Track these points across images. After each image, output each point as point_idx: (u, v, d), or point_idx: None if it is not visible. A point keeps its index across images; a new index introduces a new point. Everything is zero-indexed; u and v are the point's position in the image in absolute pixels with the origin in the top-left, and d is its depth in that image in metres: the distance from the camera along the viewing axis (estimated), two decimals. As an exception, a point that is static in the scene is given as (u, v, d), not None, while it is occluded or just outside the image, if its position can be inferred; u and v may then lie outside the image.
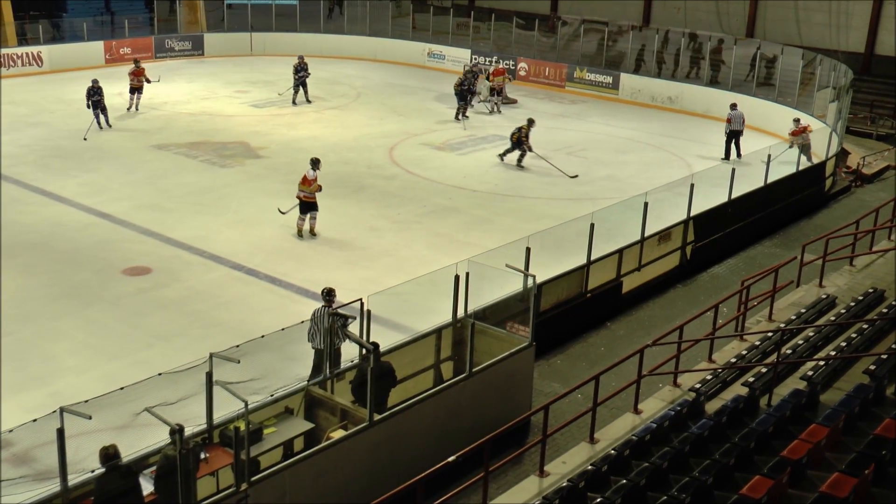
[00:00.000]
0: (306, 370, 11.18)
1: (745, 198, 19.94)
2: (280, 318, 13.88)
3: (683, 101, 32.13)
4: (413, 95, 33.30)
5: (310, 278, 16.76)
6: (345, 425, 10.68)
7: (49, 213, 19.89)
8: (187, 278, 16.87)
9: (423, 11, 42.58)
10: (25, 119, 27.41)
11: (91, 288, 16.34)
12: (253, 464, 9.63)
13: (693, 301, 16.78)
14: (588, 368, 13.89)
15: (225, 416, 9.79)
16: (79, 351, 14.13)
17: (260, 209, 20.56)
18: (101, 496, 8.61)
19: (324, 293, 12.41)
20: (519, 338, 12.65)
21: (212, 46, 39.56)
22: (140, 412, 8.84)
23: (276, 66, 37.58)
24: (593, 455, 10.34)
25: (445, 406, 11.52)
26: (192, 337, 14.46)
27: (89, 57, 36.24)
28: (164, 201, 20.80)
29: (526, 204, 21.57)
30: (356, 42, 40.29)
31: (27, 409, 10.95)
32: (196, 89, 32.93)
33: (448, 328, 12.74)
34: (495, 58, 34.62)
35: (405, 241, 18.89)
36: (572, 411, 11.77)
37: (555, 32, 38.73)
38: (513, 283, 13.08)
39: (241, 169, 23.53)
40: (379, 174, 23.35)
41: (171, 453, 8.78)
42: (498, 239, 18.08)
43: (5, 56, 34.44)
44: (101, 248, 18.05)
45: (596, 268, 16.05)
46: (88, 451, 8.64)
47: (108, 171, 22.95)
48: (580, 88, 34.89)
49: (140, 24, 39.74)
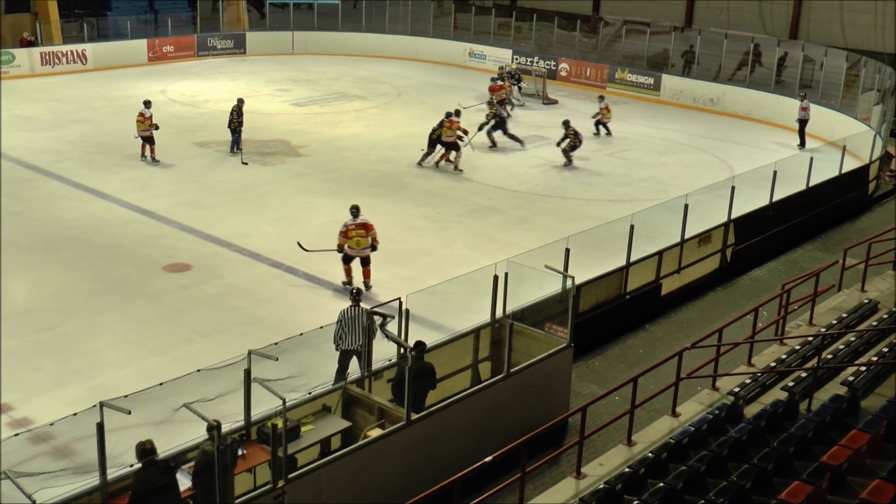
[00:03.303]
0: (344, 368, 11.23)
1: (786, 200, 19.70)
2: (318, 315, 13.94)
3: (725, 103, 31.83)
4: (454, 95, 33.21)
5: (348, 276, 16.82)
6: (382, 424, 10.68)
7: (92, 208, 20.14)
8: (227, 275, 17.00)
9: (465, 11, 42.58)
10: (70, 116, 27.78)
11: (132, 283, 16.52)
12: (290, 461, 9.66)
13: (733, 304, 16.60)
14: (626, 370, 13.79)
15: (263, 412, 9.82)
16: (120, 346, 14.29)
17: (300, 207, 20.67)
18: (139, 490, 8.68)
19: (352, 293, 12.48)
20: (557, 339, 12.58)
21: (254, 45, 39.86)
22: (179, 408, 8.91)
23: (317, 64, 37.82)
24: (630, 457, 10.27)
25: (483, 406, 11.49)
26: (231, 333, 14.57)
27: (133, 55, 36.69)
28: (206, 198, 20.98)
29: (566, 204, 21.49)
30: (397, 41, 40.37)
31: (68, 403, 11.11)
32: (238, 87, 33.14)
33: (486, 328, 12.72)
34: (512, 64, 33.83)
35: (445, 240, 18.90)
36: (610, 413, 11.71)
37: (596, 33, 38.56)
38: (552, 283, 13.02)
39: (282, 167, 23.67)
40: (419, 173, 23.37)
41: (209, 449, 8.84)
42: (537, 239, 18.03)
43: (51, 54, 34.96)
44: (142, 244, 18.24)
45: (635, 269, 15.94)
46: (127, 445, 8.72)
47: (150, 168, 23.19)
48: (621, 89, 34.68)
49: (183, 23, 40.14)
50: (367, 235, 16.18)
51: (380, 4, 41.79)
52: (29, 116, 27.28)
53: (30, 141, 24.97)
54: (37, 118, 26.33)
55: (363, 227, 16.19)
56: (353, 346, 11.97)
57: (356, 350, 11.91)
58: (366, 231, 16.18)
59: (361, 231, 16.19)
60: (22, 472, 7.99)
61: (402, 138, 26.75)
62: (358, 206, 16.65)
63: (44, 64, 34.67)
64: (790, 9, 37.49)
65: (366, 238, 16.17)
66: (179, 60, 37.72)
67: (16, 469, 7.98)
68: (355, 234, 16.16)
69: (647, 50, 35.60)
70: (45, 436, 10.75)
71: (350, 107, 30.58)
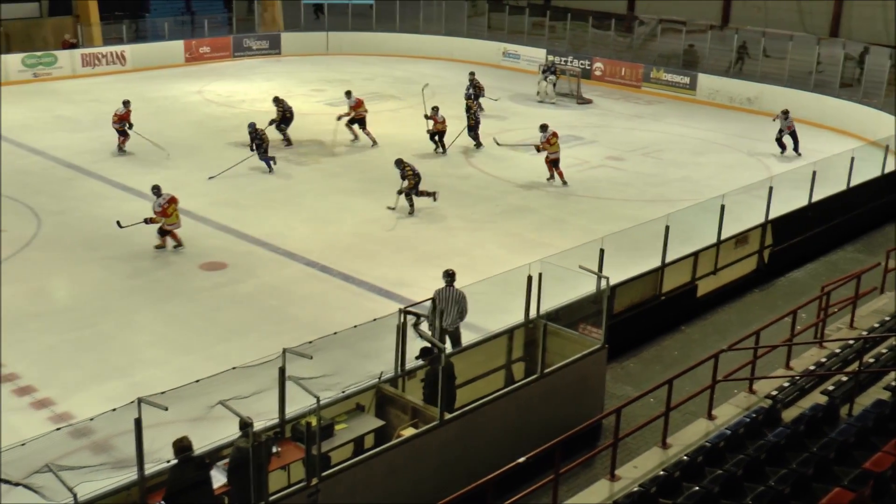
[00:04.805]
0: (378, 367, 11.19)
1: (826, 201, 19.45)
2: (353, 315, 13.97)
3: (763, 102, 31.52)
4: (488, 94, 33.21)
5: (382, 276, 16.87)
6: (415, 423, 10.68)
7: (129, 207, 20.31)
8: (262, 274, 17.10)
9: (499, 11, 42.53)
10: (109, 116, 27.99)
11: (169, 282, 16.67)
12: (324, 459, 9.69)
13: (770, 306, 16.43)
14: (661, 372, 13.69)
15: (297, 410, 9.86)
16: (157, 343, 14.42)
17: (334, 206, 20.75)
18: (175, 486, 8.74)
19: (445, 274, 13.13)
20: (591, 340, 12.51)
21: (289, 45, 40.08)
22: (214, 405, 8.97)
23: (351, 65, 37.93)
24: (665, 460, 10.18)
25: (516, 407, 11.46)
26: (265, 332, 14.64)
27: (170, 56, 37.05)
28: (241, 198, 21.11)
29: (600, 205, 21.39)
30: (431, 41, 40.40)
31: (107, 399, 11.22)
32: (273, 88, 33.28)
33: (520, 328, 12.67)
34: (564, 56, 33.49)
35: (478, 240, 18.87)
36: (644, 415, 11.61)
37: (631, 32, 38.36)
38: (586, 284, 12.96)
39: (317, 167, 23.76)
40: (453, 173, 23.36)
41: (243, 446, 8.89)
42: (571, 239, 17.96)
43: (91, 55, 35.38)
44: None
45: (671, 270, 15.81)
46: (164, 441, 8.79)
47: (186, 167, 23.38)
48: (656, 89, 34.49)
49: (219, 24, 40.45)
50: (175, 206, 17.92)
51: (414, 5, 41.84)
52: (69, 117, 27.61)
53: (70, 141, 25.26)
54: (77, 119, 26.65)
55: (173, 201, 17.84)
56: (445, 325, 12.69)
57: (449, 329, 12.78)
58: (174, 203, 17.87)
59: (174, 205, 17.82)
60: (63, 465, 8.08)
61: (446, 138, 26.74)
62: (158, 185, 18.28)
63: (84, 65, 35.10)
64: (831, 7, 37.07)
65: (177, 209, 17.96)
66: (215, 61, 38.02)
67: (58, 462, 8.06)
68: (172, 210, 17.78)
69: (683, 47, 35.36)
70: (85, 430, 10.92)
71: (384, 107, 30.63)
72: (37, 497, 7.89)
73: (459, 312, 13.01)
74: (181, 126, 27.40)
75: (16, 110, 28.82)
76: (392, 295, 15.99)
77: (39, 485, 7.87)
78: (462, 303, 13.03)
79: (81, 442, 11.03)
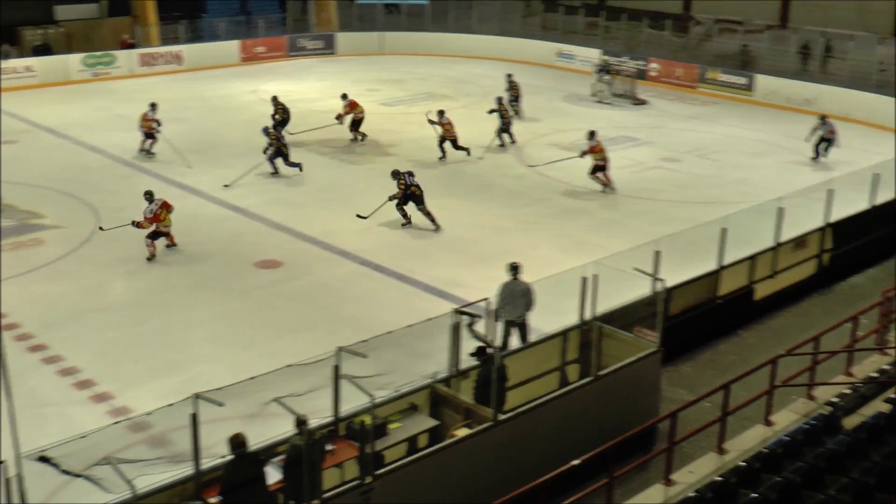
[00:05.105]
0: (432, 367, 11.20)
1: (888, 205, 19.05)
2: (406, 314, 14.01)
3: (821, 103, 30.95)
4: (541, 95, 33.13)
5: (436, 276, 16.87)
6: (469, 424, 10.66)
7: (186, 205, 20.55)
8: (316, 272, 17.20)
9: (553, 11, 42.38)
10: (165, 115, 28.22)
11: (224, 279, 16.83)
12: (377, 458, 9.71)
13: (830, 311, 16.12)
14: (717, 376, 13.51)
15: (351, 409, 9.90)
16: (212, 340, 14.57)
17: (388, 206, 20.75)
18: (229, 481, 8.81)
19: (511, 267, 13.40)
20: (646, 342, 12.38)
21: (343, 45, 40.32)
22: (269, 402, 9.04)
23: (405, 65, 38.04)
24: (722, 466, 10.05)
25: (570, 409, 11.38)
26: (320, 330, 14.72)
27: (225, 56, 37.48)
28: (296, 197, 21.25)
29: (655, 206, 21.19)
30: (485, 41, 40.34)
31: (163, 394, 11.39)
32: (327, 87, 33.55)
33: (574, 330, 12.59)
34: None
35: (532, 241, 18.80)
36: (700, 420, 11.45)
37: (687, 32, 37.98)
38: (641, 286, 12.84)
39: (371, 166, 23.84)
40: (507, 174, 23.30)
41: (298, 443, 8.94)
42: (626, 241, 17.82)
43: (148, 55, 35.92)
44: (234, 240, 18.58)
45: (727, 273, 15.60)
46: (220, 437, 8.88)
47: (242, 166, 23.56)
48: (712, 89, 34.09)
49: (274, 24, 40.81)
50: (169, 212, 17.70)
51: (468, 4, 41.87)
52: (126, 116, 27.92)
53: (128, 139, 25.59)
54: (134, 117, 26.89)
55: (166, 206, 17.62)
56: (513, 317, 13.16)
57: (516, 321, 13.22)
58: (167, 211, 17.64)
59: (167, 211, 17.59)
60: (122, 458, 8.19)
61: (488, 138, 26.69)
62: (151, 191, 17.99)
63: (142, 65, 35.63)
64: (892, 6, 36.30)
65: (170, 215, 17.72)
66: (270, 61, 38.36)
67: (116, 455, 8.17)
68: (164, 215, 17.57)
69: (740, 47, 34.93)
70: (142, 425, 11.08)
71: (438, 107, 30.56)
72: (97, 489, 8.02)
73: (526, 304, 13.31)
74: (236, 125, 27.69)
75: (75, 109, 29.36)
76: (445, 295, 15.99)
77: (99, 477, 7.99)
78: (528, 295, 13.32)
79: (139, 436, 11.19)
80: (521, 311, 13.35)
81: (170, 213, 17.69)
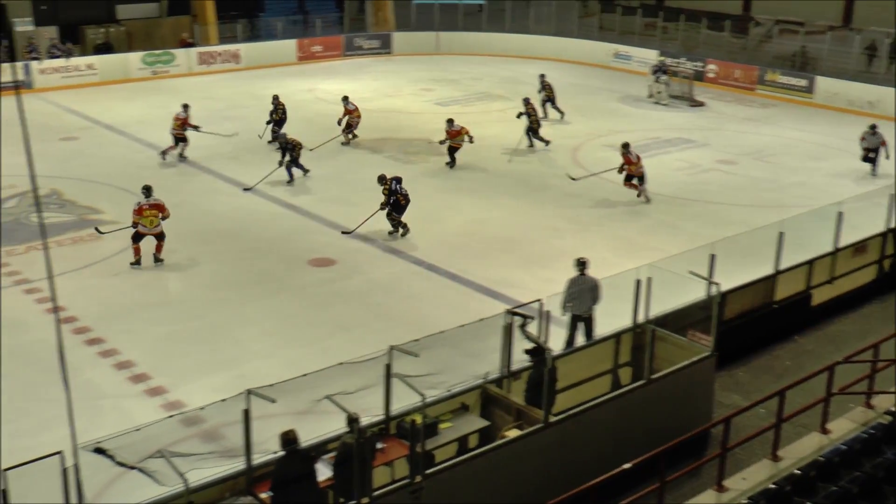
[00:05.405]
0: (484, 367, 11.17)
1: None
2: (459, 314, 14.01)
3: (884, 106, 30.33)
4: (597, 96, 32.95)
5: (489, 276, 16.85)
6: (520, 425, 10.63)
7: (241, 202, 20.81)
8: (369, 271, 17.27)
9: (611, 11, 42.07)
10: (222, 113, 28.74)
11: (278, 276, 16.97)
12: (427, 457, 9.72)
13: (890, 318, 15.77)
14: (772, 382, 13.32)
15: (402, 408, 9.92)
16: (265, 336, 14.69)
17: (441, 205, 20.82)
18: (280, 478, 8.87)
19: (578, 262, 13.63)
20: (700, 347, 12.24)
21: (399, 45, 40.44)
22: (320, 399, 9.09)
23: (460, 64, 38.04)
24: (776, 473, 9.88)
25: (622, 412, 11.29)
26: (372, 328, 14.77)
27: (282, 55, 37.79)
28: (350, 195, 21.34)
29: (711, 209, 20.95)
30: (541, 42, 40.18)
31: (216, 390, 11.49)
32: (382, 87, 33.70)
33: (627, 333, 12.50)
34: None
35: (586, 242, 18.66)
36: (754, 426, 11.28)
37: (746, 33, 37.46)
38: (695, 290, 12.70)
39: (425, 166, 23.88)
40: (561, 174, 23.19)
41: (349, 441, 8.98)
42: (681, 244, 17.65)
43: (206, 53, 36.38)
44: (288, 238, 18.72)
45: (784, 278, 15.37)
46: (271, 433, 8.95)
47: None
48: (772, 91, 33.59)
49: (331, 23, 41.08)
50: (159, 215, 16.99)
51: (524, 5, 41.74)
52: (185, 113, 28.32)
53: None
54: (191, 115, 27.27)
55: (156, 208, 16.99)
56: (580, 312, 13.33)
57: (583, 316, 13.37)
58: (158, 211, 16.98)
59: (154, 211, 16.94)
60: (175, 451, 8.30)
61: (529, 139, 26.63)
62: (150, 187, 17.37)
63: (200, 63, 36.08)
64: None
65: (158, 217, 16.99)
66: (327, 60, 38.62)
67: (170, 449, 8.28)
68: (149, 214, 16.92)
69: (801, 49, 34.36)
70: (195, 419, 11.21)
71: (492, 107, 30.63)
72: (150, 481, 8.13)
73: (593, 299, 13.42)
74: (292, 123, 27.75)
75: (134, 106, 29.82)
76: (498, 295, 15.96)
77: (152, 469, 8.10)
78: (596, 290, 13.43)
79: (192, 430, 11.33)
80: (589, 306, 13.45)
81: (161, 217, 16.96)
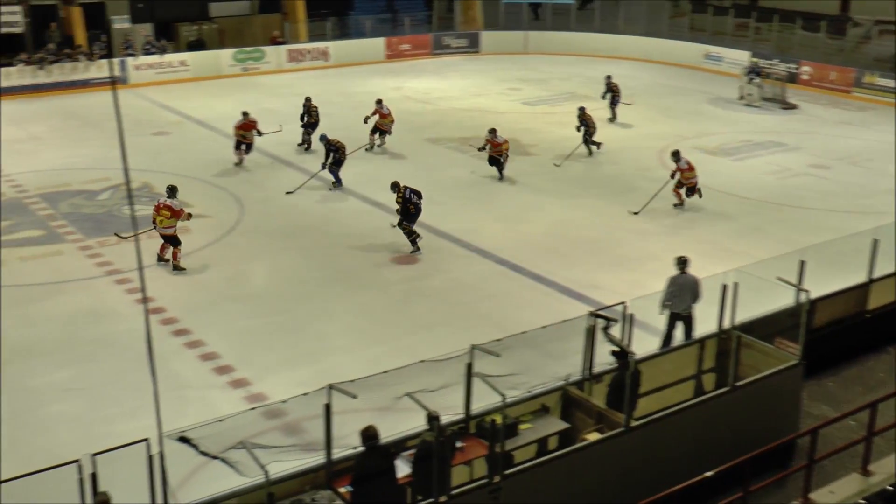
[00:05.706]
0: (565, 369, 11.09)
1: None
2: (542, 315, 13.94)
3: None
4: (686, 97, 32.45)
5: (573, 278, 16.72)
6: (600, 428, 10.51)
7: (325, 198, 21.03)
8: (452, 270, 17.29)
9: (702, 11, 41.40)
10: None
11: (362, 273, 17.10)
12: (507, 457, 9.68)
13: None
14: (863, 394, 12.94)
15: (482, 407, 9.89)
16: (347, 332, 14.82)
17: (526, 205, 20.75)
18: (360, 473, 8.92)
19: (679, 260, 13.58)
20: (787, 354, 11.94)
21: (487, 44, 40.43)
22: (401, 396, 9.12)
23: (548, 64, 37.86)
24: (866, 488, 9.62)
25: (705, 418, 11.08)
26: (454, 327, 14.78)
27: (371, 53, 38.13)
28: (435, 194, 21.35)
29: (802, 215, 20.45)
30: (630, 42, 39.73)
31: (298, 383, 11.63)
32: (469, 86, 33.73)
33: (712, 338, 12.27)
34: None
35: (672, 245, 18.34)
36: (843, 438, 11.00)
37: (843, 34, 36.46)
38: (783, 296, 12.41)
39: (511, 165, 23.76)
40: (648, 176, 22.87)
41: (428, 439, 8.99)
42: (770, 249, 17.28)
43: (296, 51, 36.91)
44: (372, 235, 18.84)
45: (878, 287, 14.90)
46: (351, 428, 9.00)
47: (382, 161, 23.96)
48: (868, 94, 32.62)
49: (419, 22, 41.29)
50: (171, 217, 16.73)
51: (614, 5, 41.33)
52: (273, 110, 28.75)
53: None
54: (280, 111, 27.70)
55: (169, 209, 16.74)
56: (680, 310, 13.30)
57: (682, 314, 13.32)
58: (170, 213, 16.72)
59: (166, 212, 16.70)
60: (257, 443, 8.41)
61: (630, 140, 26.35)
62: (174, 187, 17.22)
63: (290, 60, 36.64)
64: None
65: (170, 219, 16.73)
66: (415, 58, 38.82)
67: (252, 440, 8.39)
68: (162, 213, 16.73)
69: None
70: (277, 412, 11.36)
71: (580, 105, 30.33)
72: (232, 471, 8.26)
73: (693, 297, 13.34)
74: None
75: (225, 102, 30.36)
76: (582, 297, 15.83)
77: (234, 460, 8.23)
78: (696, 288, 13.34)
79: (274, 423, 11.48)
80: (689, 304, 13.37)
81: (177, 220, 16.77)
